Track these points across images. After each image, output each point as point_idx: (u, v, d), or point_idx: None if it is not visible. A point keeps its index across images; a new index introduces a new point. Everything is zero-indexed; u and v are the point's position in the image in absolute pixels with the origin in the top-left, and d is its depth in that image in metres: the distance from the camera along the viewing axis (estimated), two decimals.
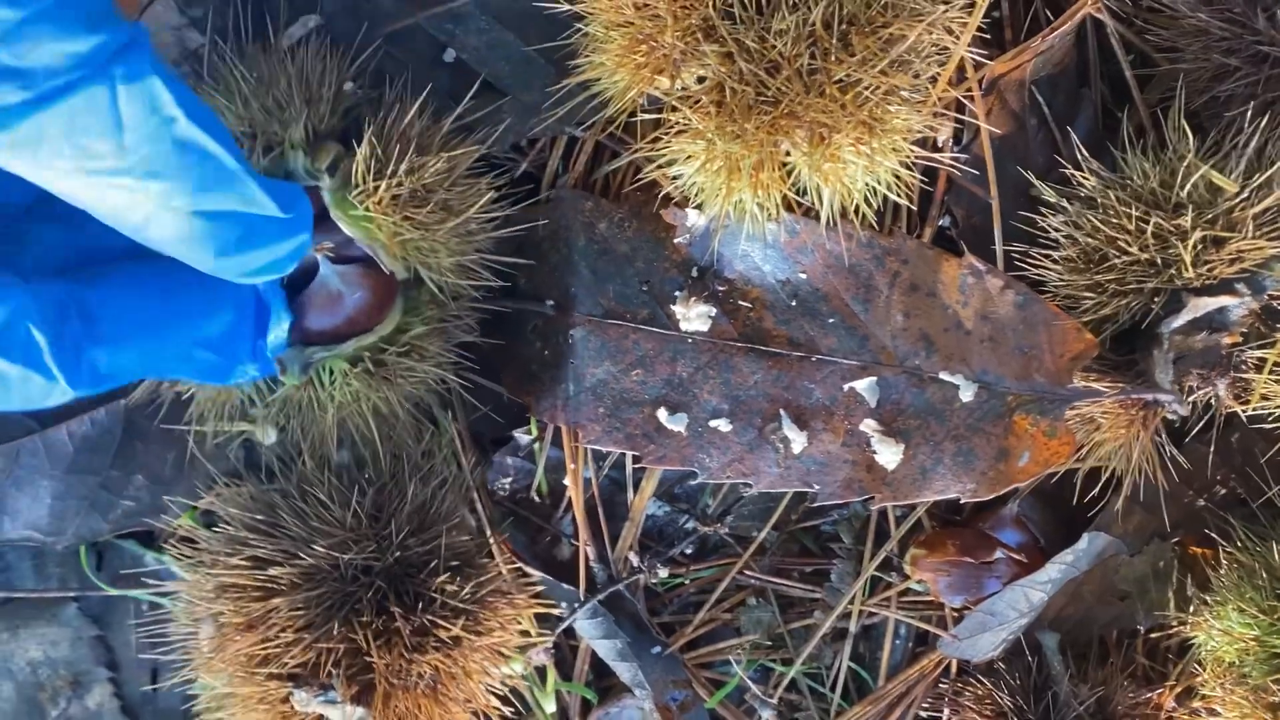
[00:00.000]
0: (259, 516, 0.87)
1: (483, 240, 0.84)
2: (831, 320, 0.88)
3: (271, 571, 0.83)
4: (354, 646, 0.82)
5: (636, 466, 0.96)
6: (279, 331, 0.76)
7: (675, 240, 0.88)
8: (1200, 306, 0.79)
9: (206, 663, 0.87)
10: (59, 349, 0.62)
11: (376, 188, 0.76)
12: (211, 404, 0.88)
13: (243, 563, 0.84)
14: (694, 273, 0.89)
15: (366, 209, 0.77)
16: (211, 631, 0.87)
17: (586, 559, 0.95)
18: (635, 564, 0.96)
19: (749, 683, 0.98)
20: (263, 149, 0.80)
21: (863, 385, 0.88)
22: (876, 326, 0.88)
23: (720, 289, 0.89)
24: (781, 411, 0.89)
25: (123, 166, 0.55)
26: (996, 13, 0.91)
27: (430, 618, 0.84)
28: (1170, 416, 0.85)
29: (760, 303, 0.89)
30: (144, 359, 0.69)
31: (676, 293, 0.89)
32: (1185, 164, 0.78)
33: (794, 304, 0.88)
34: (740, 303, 0.89)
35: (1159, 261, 0.79)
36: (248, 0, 0.89)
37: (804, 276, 0.88)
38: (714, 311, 0.88)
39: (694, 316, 0.88)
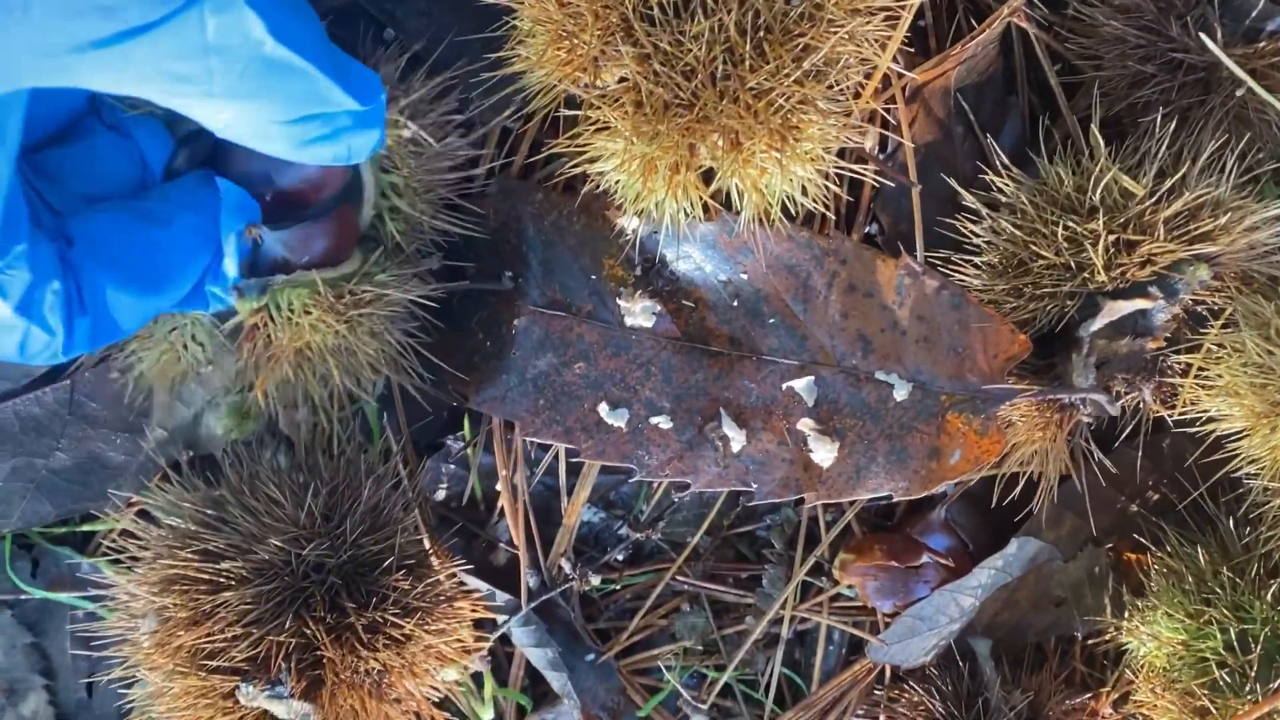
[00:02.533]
0: (209, 511, 0.87)
1: (442, 203, 0.86)
2: (772, 320, 0.88)
3: (223, 565, 0.82)
4: (303, 641, 0.82)
5: (571, 468, 0.96)
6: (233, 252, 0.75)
7: (621, 238, 0.89)
8: (1115, 310, 0.79)
9: (147, 658, 0.86)
10: (65, 312, 0.65)
11: (396, 97, 0.78)
12: (159, 372, 0.86)
13: (192, 556, 0.84)
14: (638, 270, 0.89)
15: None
16: (154, 626, 0.85)
17: (522, 565, 0.95)
18: (568, 572, 0.96)
19: (681, 690, 0.98)
20: None
21: (801, 385, 0.89)
22: (815, 326, 0.88)
23: (665, 287, 0.89)
24: (721, 410, 0.89)
25: (210, 90, 0.57)
26: (921, 21, 0.91)
27: (382, 614, 0.84)
28: (1087, 420, 0.85)
29: (703, 302, 0.89)
30: (128, 319, 0.70)
31: (622, 288, 0.89)
32: (1098, 168, 0.79)
33: (735, 304, 0.89)
34: (684, 301, 0.89)
35: (1073, 265, 0.80)
36: None
37: (745, 277, 0.88)
38: (658, 308, 0.89)
39: (638, 312, 0.89)
